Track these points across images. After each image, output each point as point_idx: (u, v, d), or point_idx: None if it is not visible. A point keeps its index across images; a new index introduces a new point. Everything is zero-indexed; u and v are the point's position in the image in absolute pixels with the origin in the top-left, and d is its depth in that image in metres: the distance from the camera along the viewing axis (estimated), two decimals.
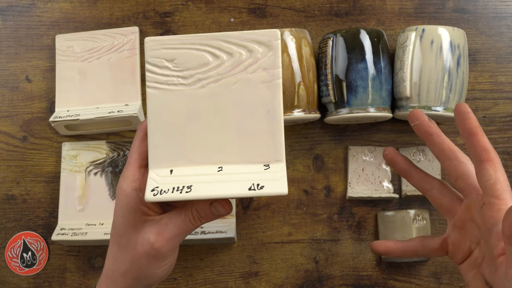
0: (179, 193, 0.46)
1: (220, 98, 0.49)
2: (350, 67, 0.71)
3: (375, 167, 0.77)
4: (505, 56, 0.79)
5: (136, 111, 0.74)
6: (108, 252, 0.53)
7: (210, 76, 0.49)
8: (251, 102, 0.49)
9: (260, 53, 0.49)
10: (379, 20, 0.80)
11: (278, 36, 0.49)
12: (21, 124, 0.80)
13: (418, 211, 0.73)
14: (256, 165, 0.49)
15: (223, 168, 0.49)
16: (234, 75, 0.49)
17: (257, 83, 0.49)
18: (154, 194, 0.46)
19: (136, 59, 0.78)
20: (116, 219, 0.51)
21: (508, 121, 0.78)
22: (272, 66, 0.49)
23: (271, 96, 0.49)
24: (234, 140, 0.49)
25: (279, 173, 0.48)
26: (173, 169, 0.49)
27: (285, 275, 0.76)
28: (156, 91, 0.49)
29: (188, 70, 0.49)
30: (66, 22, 0.82)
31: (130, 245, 0.50)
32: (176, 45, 0.49)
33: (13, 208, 0.78)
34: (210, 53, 0.49)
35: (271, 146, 0.49)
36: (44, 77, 0.81)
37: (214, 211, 0.50)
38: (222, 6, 0.81)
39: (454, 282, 0.75)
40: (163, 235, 0.49)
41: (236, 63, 0.49)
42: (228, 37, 0.49)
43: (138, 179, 0.49)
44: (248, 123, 0.49)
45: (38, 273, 0.77)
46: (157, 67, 0.49)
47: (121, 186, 0.50)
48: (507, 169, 0.77)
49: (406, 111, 0.72)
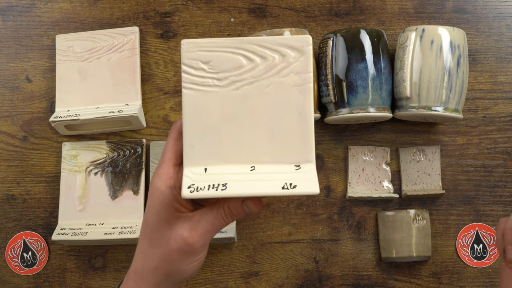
0: (215, 190, 0.47)
1: (254, 100, 0.50)
2: (350, 67, 0.71)
3: (375, 167, 0.77)
4: (505, 56, 0.79)
5: (136, 111, 0.74)
6: (137, 249, 0.54)
7: (244, 79, 0.51)
8: (283, 104, 0.50)
9: (292, 57, 0.50)
10: (379, 20, 0.80)
11: (310, 42, 0.51)
12: (21, 124, 0.80)
13: (418, 211, 0.73)
14: (287, 165, 0.50)
15: (256, 167, 0.50)
16: (267, 78, 0.51)
17: (289, 86, 0.50)
18: (190, 191, 0.48)
19: (136, 59, 0.78)
20: (149, 216, 0.52)
21: (508, 121, 0.78)
22: (304, 71, 0.50)
23: (302, 99, 0.50)
24: (266, 141, 0.51)
25: (310, 173, 0.49)
26: (207, 168, 0.50)
27: (285, 275, 0.76)
28: (192, 91, 0.50)
29: (223, 72, 0.51)
30: (66, 22, 0.82)
31: (163, 241, 0.51)
32: (212, 47, 0.51)
33: (13, 208, 0.78)
34: (245, 57, 0.51)
35: (302, 147, 0.50)
36: (44, 77, 0.81)
37: (245, 209, 0.51)
38: (222, 6, 0.81)
39: (454, 282, 0.75)
40: (196, 231, 0.50)
41: (269, 66, 0.50)
42: (262, 41, 0.51)
43: (172, 177, 0.51)
44: (280, 125, 0.50)
45: (38, 273, 0.77)
46: (193, 68, 0.51)
47: (156, 183, 0.51)
48: (507, 169, 0.77)
49: (406, 111, 0.72)
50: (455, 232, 0.76)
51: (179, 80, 0.80)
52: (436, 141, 0.78)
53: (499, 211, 0.76)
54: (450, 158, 0.77)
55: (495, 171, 0.77)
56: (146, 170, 0.77)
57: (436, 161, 0.76)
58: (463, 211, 0.76)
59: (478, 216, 0.76)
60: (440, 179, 0.76)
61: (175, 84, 0.80)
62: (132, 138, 0.79)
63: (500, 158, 0.77)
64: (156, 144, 0.77)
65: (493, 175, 0.77)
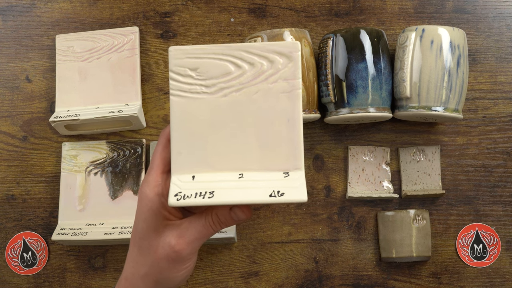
0: (202, 198, 0.47)
1: (242, 107, 0.50)
2: (350, 67, 0.71)
3: (375, 167, 0.77)
4: (505, 56, 0.79)
5: (136, 111, 0.75)
6: (128, 255, 0.54)
7: (232, 85, 0.50)
8: (271, 111, 0.50)
9: (281, 64, 0.50)
10: (379, 20, 0.80)
11: (299, 48, 0.50)
12: (21, 124, 0.80)
13: (418, 211, 0.73)
14: (275, 173, 0.50)
15: (244, 175, 0.50)
16: (255, 84, 0.50)
17: (278, 93, 0.50)
18: (177, 199, 0.47)
19: (136, 59, 0.78)
20: (137, 223, 0.52)
21: (508, 121, 0.78)
22: (292, 77, 0.50)
23: (291, 106, 0.50)
24: (254, 148, 0.50)
25: (298, 181, 0.49)
26: (195, 175, 0.50)
27: (285, 275, 0.76)
28: (180, 99, 0.50)
29: (211, 79, 0.50)
30: (66, 22, 0.82)
31: (151, 248, 0.51)
32: (199, 54, 0.50)
33: (13, 208, 0.78)
34: (232, 63, 0.50)
35: (291, 155, 0.50)
36: (44, 77, 0.81)
37: (234, 216, 0.51)
38: (222, 6, 0.81)
39: (454, 282, 0.75)
40: (183, 239, 0.50)
41: (257, 73, 0.50)
42: (250, 47, 0.50)
43: (160, 184, 0.51)
44: (269, 132, 0.50)
45: (38, 273, 0.77)
46: (180, 75, 0.50)
47: (144, 191, 0.51)
48: (507, 169, 0.77)
49: (406, 111, 0.72)
50: (455, 232, 0.76)
51: None
52: (436, 141, 0.78)
53: (499, 211, 0.76)
54: (450, 158, 0.77)
55: (495, 171, 0.77)
56: (146, 170, 0.77)
57: (436, 161, 0.76)
58: (463, 211, 0.76)
59: (478, 216, 0.76)
60: (440, 179, 0.76)
61: None
62: (132, 138, 0.79)
63: (500, 158, 0.77)
64: None
65: (493, 175, 0.77)
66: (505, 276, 0.75)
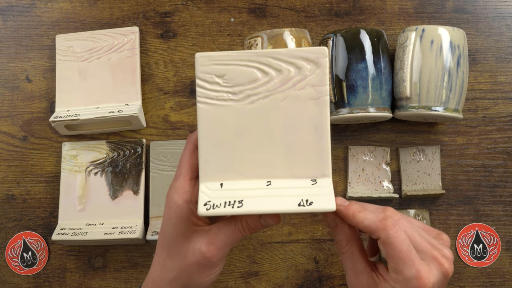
0: (231, 207, 0.47)
1: (269, 114, 0.50)
2: (350, 67, 0.71)
3: (375, 167, 0.77)
4: (505, 56, 0.79)
5: (136, 111, 0.75)
6: (155, 259, 0.54)
7: (259, 92, 0.50)
8: (299, 118, 0.50)
9: (308, 70, 0.50)
10: (379, 20, 0.80)
11: (327, 54, 0.50)
12: (21, 124, 0.80)
13: (418, 211, 0.73)
14: (303, 180, 0.50)
15: (271, 182, 0.50)
16: (282, 91, 0.50)
17: (305, 99, 0.50)
18: (207, 208, 0.47)
19: (136, 59, 0.78)
20: (166, 229, 0.52)
21: (508, 121, 0.78)
22: (320, 83, 0.50)
23: (318, 112, 0.50)
24: (282, 155, 0.50)
25: (326, 188, 0.49)
26: (223, 183, 0.50)
27: (285, 275, 0.76)
28: (207, 106, 0.50)
29: (238, 86, 0.50)
30: (66, 22, 0.82)
31: (181, 254, 0.51)
32: (226, 61, 0.50)
33: (13, 208, 0.78)
34: (260, 70, 0.50)
35: (318, 162, 0.50)
36: (44, 77, 0.81)
37: (263, 222, 0.51)
38: (222, 6, 0.81)
39: (454, 282, 0.75)
40: (214, 245, 0.51)
41: (284, 79, 0.50)
42: (277, 54, 0.50)
43: (189, 191, 0.51)
44: (296, 139, 0.50)
45: (38, 273, 0.77)
46: (207, 82, 0.50)
47: (172, 197, 0.51)
48: (507, 169, 0.77)
49: (406, 111, 0.72)
50: (455, 232, 0.76)
51: (179, 80, 0.80)
52: (436, 141, 0.78)
53: (499, 211, 0.76)
54: (450, 158, 0.77)
55: (495, 171, 0.77)
56: (146, 170, 0.77)
57: (436, 161, 0.76)
58: (463, 211, 0.76)
59: (478, 216, 0.76)
60: (440, 179, 0.76)
61: (175, 84, 0.80)
62: (132, 138, 0.79)
63: (500, 158, 0.77)
64: (156, 144, 0.77)
65: (493, 175, 0.77)
66: (505, 276, 0.75)
